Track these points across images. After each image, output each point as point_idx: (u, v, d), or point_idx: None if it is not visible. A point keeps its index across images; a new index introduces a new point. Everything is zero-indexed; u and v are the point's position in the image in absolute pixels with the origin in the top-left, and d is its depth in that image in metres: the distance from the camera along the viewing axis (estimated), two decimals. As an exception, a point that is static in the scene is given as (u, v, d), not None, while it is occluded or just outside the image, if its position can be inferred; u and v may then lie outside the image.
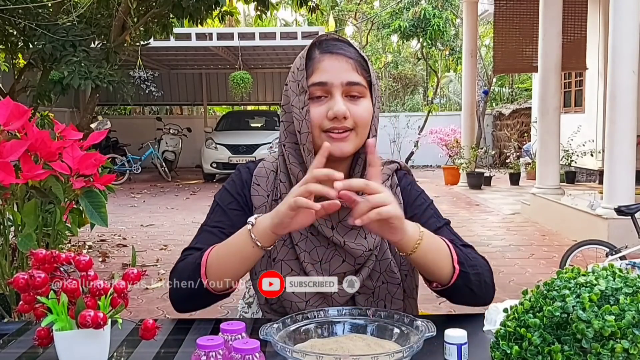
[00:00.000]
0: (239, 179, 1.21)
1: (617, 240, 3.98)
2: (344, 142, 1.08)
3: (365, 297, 1.16)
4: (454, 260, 1.06)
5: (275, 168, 1.19)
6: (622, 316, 0.69)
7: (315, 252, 1.14)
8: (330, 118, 1.06)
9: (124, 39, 5.71)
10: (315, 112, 1.07)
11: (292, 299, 1.14)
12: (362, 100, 1.09)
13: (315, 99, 1.08)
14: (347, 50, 1.10)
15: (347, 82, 1.07)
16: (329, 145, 0.99)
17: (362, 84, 1.09)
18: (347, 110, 1.06)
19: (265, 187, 1.19)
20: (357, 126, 1.08)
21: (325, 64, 1.09)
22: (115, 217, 6.97)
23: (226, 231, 1.15)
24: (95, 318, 0.82)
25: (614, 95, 5.00)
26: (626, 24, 4.90)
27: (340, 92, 1.07)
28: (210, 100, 16.37)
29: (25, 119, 1.45)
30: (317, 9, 6.98)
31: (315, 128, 1.08)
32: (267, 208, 1.17)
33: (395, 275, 1.16)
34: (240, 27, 16.22)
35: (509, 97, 17.96)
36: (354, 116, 1.07)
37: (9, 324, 1.39)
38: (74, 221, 1.80)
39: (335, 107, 1.06)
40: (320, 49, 1.11)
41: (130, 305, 3.06)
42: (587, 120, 9.94)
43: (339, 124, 1.06)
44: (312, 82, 1.08)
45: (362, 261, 1.14)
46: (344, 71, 1.08)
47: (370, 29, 17.84)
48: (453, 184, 10.49)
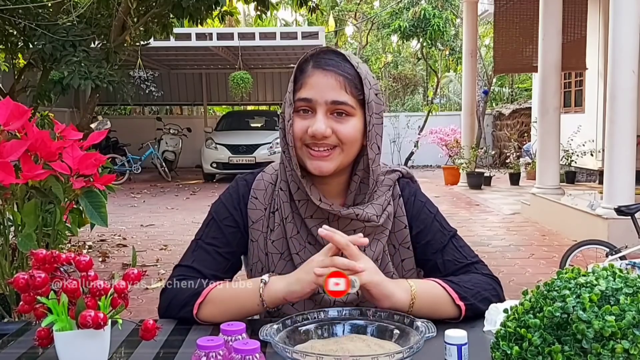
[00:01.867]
0: (235, 192, 1.20)
1: (617, 240, 3.97)
2: (324, 161, 1.08)
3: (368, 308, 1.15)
4: (456, 300, 1.06)
5: (274, 180, 1.19)
6: (622, 316, 0.69)
7: None
8: (310, 135, 1.07)
9: (124, 39, 5.71)
10: (298, 126, 1.08)
11: (290, 311, 1.12)
12: (349, 119, 1.08)
13: (301, 113, 1.09)
14: (340, 67, 1.08)
15: (331, 100, 1.07)
16: (323, 231, 1.00)
17: (349, 103, 1.07)
18: (326, 129, 1.06)
19: (263, 201, 1.18)
20: (342, 143, 1.08)
21: (313, 80, 1.08)
22: (115, 217, 6.97)
23: (221, 250, 1.15)
24: (95, 318, 0.82)
25: (614, 95, 5.00)
26: (626, 24, 4.90)
27: (324, 110, 1.07)
28: (210, 100, 16.37)
29: (25, 119, 1.45)
30: (317, 9, 6.98)
31: (297, 140, 1.09)
32: (264, 221, 1.17)
33: None
34: (240, 27, 16.22)
35: (509, 97, 17.95)
36: (337, 134, 1.07)
37: (8, 324, 1.39)
38: (74, 221, 1.80)
39: (314, 126, 1.06)
40: (313, 63, 1.10)
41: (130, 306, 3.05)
42: (587, 120, 9.94)
43: (319, 141, 1.07)
44: (299, 97, 1.08)
45: None
46: (331, 89, 1.07)
47: (370, 29, 17.84)
48: (453, 184, 10.49)
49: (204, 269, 1.14)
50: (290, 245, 1.14)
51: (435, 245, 1.17)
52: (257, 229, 1.17)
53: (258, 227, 1.17)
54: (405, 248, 1.17)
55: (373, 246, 1.14)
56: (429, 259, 1.17)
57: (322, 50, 1.12)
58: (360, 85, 1.08)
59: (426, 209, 1.20)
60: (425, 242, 1.17)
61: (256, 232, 1.17)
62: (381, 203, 1.14)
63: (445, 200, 8.78)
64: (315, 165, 1.08)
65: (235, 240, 1.16)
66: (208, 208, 1.25)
